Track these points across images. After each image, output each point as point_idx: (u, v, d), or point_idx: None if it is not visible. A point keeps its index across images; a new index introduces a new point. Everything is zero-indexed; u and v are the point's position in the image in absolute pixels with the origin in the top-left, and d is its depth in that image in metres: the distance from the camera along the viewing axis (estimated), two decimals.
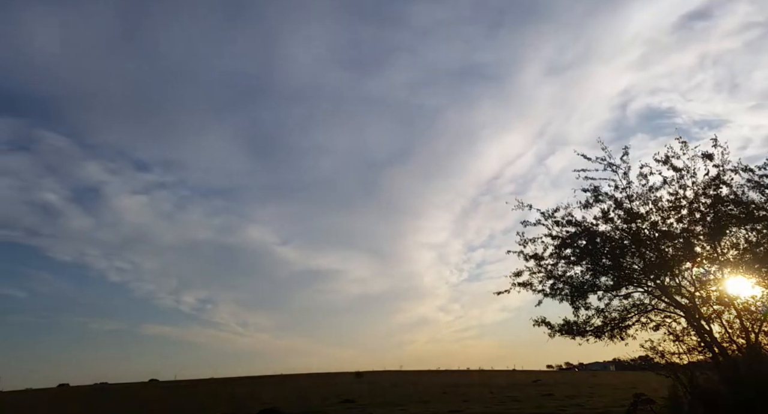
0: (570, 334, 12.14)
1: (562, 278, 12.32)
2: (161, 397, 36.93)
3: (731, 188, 10.94)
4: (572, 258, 12.21)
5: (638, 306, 12.09)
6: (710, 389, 10.85)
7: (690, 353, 11.47)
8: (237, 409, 22.13)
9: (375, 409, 19.56)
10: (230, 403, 26.53)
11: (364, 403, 22.48)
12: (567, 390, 27.52)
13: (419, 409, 18.93)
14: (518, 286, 12.51)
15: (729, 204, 10.88)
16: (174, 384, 71.92)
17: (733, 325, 11.02)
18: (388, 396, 26.84)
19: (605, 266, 12.01)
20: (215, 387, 51.40)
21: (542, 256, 12.40)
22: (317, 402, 24.05)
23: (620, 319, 12.04)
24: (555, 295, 12.36)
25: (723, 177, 10.94)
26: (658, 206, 11.56)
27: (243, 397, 31.32)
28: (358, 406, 20.73)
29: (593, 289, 12.08)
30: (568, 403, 19.11)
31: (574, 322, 12.12)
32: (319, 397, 28.13)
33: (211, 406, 24.93)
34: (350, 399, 24.55)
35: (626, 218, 11.70)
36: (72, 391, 63.04)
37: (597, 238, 11.93)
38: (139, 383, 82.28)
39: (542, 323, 12.33)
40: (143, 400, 33.19)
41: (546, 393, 25.00)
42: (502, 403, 20.05)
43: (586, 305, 12.16)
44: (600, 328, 12.02)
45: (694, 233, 11.21)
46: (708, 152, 10.99)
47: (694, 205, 11.15)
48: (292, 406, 21.70)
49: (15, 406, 36.78)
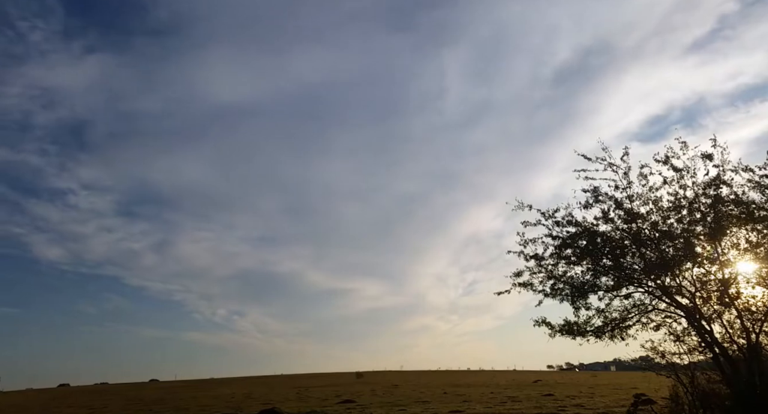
0: (570, 335, 12.13)
1: (562, 278, 12.32)
2: (161, 397, 36.93)
3: (731, 188, 10.94)
4: (573, 258, 12.20)
5: (639, 306, 12.09)
6: (711, 389, 10.85)
7: (690, 353, 11.47)
8: (237, 409, 22.12)
9: (375, 409, 19.55)
10: (230, 403, 26.52)
11: (364, 403, 22.47)
12: (567, 390, 27.51)
13: (419, 409, 18.92)
14: (519, 286, 12.52)
15: (729, 204, 10.87)
16: (174, 384, 71.96)
17: (733, 325, 11.01)
18: (388, 396, 26.84)
19: (606, 266, 12.01)
20: (215, 387, 51.41)
21: (543, 256, 12.40)
22: (317, 402, 24.03)
23: (621, 320, 12.03)
24: (555, 296, 12.37)
25: (723, 177, 10.94)
26: (659, 206, 11.56)
27: (243, 397, 31.31)
28: (358, 406, 20.72)
29: (594, 290, 12.08)
30: (568, 403, 19.10)
31: (575, 323, 12.12)
32: (319, 397, 28.12)
33: (211, 406, 24.92)
34: (350, 399, 24.55)
35: (626, 218, 11.70)
36: (71, 391, 63.08)
37: (597, 239, 11.92)
38: (139, 383, 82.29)
39: (543, 323, 12.33)
40: (143, 400, 33.19)
41: (546, 393, 24.99)
42: (502, 403, 20.04)
43: (587, 305, 12.17)
44: (600, 329, 12.01)
45: (695, 233, 11.20)
46: (708, 152, 10.99)
47: (695, 205, 11.14)
48: (292, 406, 21.69)
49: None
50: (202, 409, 23.50)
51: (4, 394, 72.83)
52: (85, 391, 62.51)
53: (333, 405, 21.84)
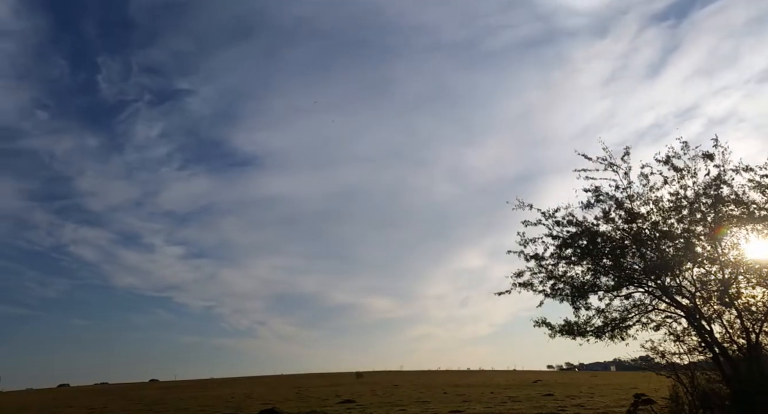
0: (570, 335, 12.13)
1: (562, 278, 12.32)
2: (161, 397, 36.93)
3: (732, 188, 10.94)
4: (573, 258, 12.20)
5: (639, 306, 12.09)
6: (711, 389, 10.85)
7: (691, 353, 11.47)
8: (237, 409, 22.11)
9: (375, 409, 19.55)
10: (230, 403, 26.52)
11: (364, 403, 22.47)
12: (567, 390, 27.50)
13: (419, 409, 18.92)
14: (519, 286, 12.52)
15: (730, 204, 10.87)
16: (174, 384, 71.95)
17: (733, 325, 11.01)
18: (389, 396, 26.84)
19: (606, 266, 12.01)
20: (216, 387, 51.41)
21: (543, 256, 12.40)
22: (317, 402, 24.03)
23: (621, 320, 12.03)
24: (556, 296, 12.36)
25: (724, 177, 10.94)
26: (659, 206, 11.56)
27: (243, 397, 31.32)
28: (358, 406, 20.72)
29: (594, 290, 12.07)
30: (568, 403, 19.10)
31: (575, 323, 12.12)
32: (319, 397, 28.12)
33: (211, 405, 24.91)
34: (350, 399, 24.55)
35: (627, 218, 11.70)
36: (72, 391, 63.08)
37: (598, 238, 11.92)
38: (139, 383, 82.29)
39: (543, 324, 12.33)
40: (143, 400, 33.18)
41: (546, 393, 24.98)
42: (502, 403, 20.03)
43: (587, 305, 12.16)
44: (601, 329, 12.01)
45: (695, 233, 11.20)
46: (709, 152, 10.99)
47: (695, 205, 11.14)
48: (292, 406, 21.69)
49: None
50: (203, 409, 23.50)
51: (4, 394, 72.79)
52: (85, 391, 62.51)
53: (333, 405, 21.85)
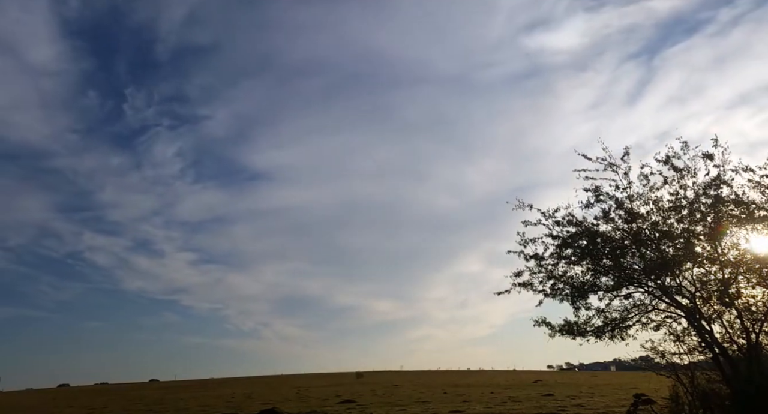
0: (570, 335, 12.13)
1: (562, 278, 12.31)
2: (162, 397, 36.93)
3: (732, 188, 10.93)
4: (573, 258, 12.20)
5: (639, 306, 12.08)
6: (711, 389, 10.84)
7: (690, 353, 11.46)
8: (237, 409, 22.12)
9: (375, 409, 19.56)
10: (230, 403, 26.53)
11: (364, 403, 22.47)
12: (567, 390, 27.51)
13: (419, 409, 18.92)
14: (519, 286, 12.51)
15: (729, 204, 10.87)
16: (174, 384, 71.97)
17: (733, 325, 11.00)
18: (389, 396, 26.84)
19: (606, 266, 12.00)
20: (216, 387, 51.41)
21: (543, 256, 12.39)
22: (317, 402, 24.04)
23: (621, 320, 12.02)
24: (555, 296, 12.36)
25: (724, 177, 10.93)
26: (659, 206, 11.55)
27: (243, 397, 31.32)
28: (358, 406, 20.73)
29: (594, 290, 12.07)
30: (568, 403, 19.11)
31: (575, 323, 12.11)
32: (320, 397, 28.13)
33: (211, 405, 24.92)
34: (350, 399, 24.55)
35: (627, 218, 11.69)
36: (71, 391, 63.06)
37: (598, 238, 11.92)
38: (139, 383, 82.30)
39: (543, 323, 12.33)
40: (144, 400, 33.18)
41: (546, 393, 24.98)
42: (502, 403, 20.04)
43: (587, 305, 12.16)
44: (600, 329, 12.00)
45: (695, 233, 11.20)
46: (708, 152, 10.98)
47: (695, 205, 11.13)
48: (292, 406, 21.69)
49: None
50: (203, 409, 23.50)
51: (4, 394, 72.78)
52: (86, 391, 62.51)
53: (333, 405, 21.85)
